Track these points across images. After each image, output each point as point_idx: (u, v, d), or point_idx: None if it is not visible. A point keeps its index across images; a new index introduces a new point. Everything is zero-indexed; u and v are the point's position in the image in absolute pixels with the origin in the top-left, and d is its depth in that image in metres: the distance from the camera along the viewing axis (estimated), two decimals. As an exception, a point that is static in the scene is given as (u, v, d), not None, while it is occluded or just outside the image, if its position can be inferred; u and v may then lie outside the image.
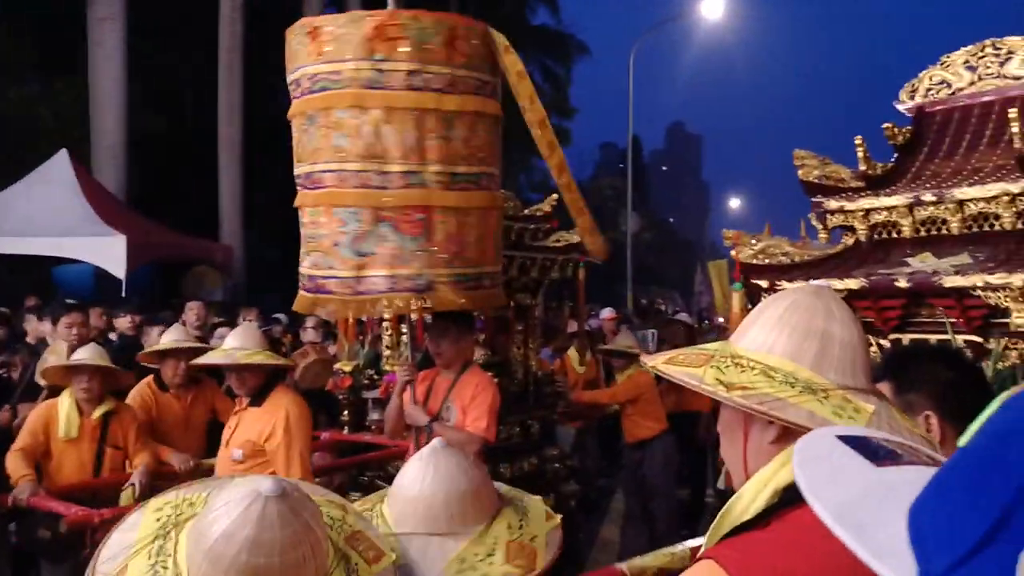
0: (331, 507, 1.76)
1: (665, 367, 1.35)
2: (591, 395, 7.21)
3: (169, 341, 5.09)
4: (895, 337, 3.99)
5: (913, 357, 2.19)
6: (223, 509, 1.48)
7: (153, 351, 5.16)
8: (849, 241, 4.42)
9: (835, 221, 4.45)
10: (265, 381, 4.05)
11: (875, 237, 4.33)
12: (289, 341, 8.00)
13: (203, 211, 15.52)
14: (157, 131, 16.08)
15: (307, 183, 3.75)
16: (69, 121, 14.39)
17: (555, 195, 6.09)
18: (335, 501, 1.84)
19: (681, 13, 29.06)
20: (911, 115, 4.77)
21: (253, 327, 4.41)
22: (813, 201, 4.53)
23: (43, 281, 12.12)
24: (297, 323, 8.61)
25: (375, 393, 5.64)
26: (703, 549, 1.28)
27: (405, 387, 4.06)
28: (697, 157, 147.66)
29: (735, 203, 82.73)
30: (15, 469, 4.23)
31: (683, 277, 36.91)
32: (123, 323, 7.08)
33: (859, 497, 0.70)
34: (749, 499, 1.27)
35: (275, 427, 3.91)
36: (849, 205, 4.34)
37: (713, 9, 24.83)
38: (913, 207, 4.13)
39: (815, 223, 4.60)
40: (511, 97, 3.83)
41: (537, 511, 2.15)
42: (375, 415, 5.58)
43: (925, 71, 4.76)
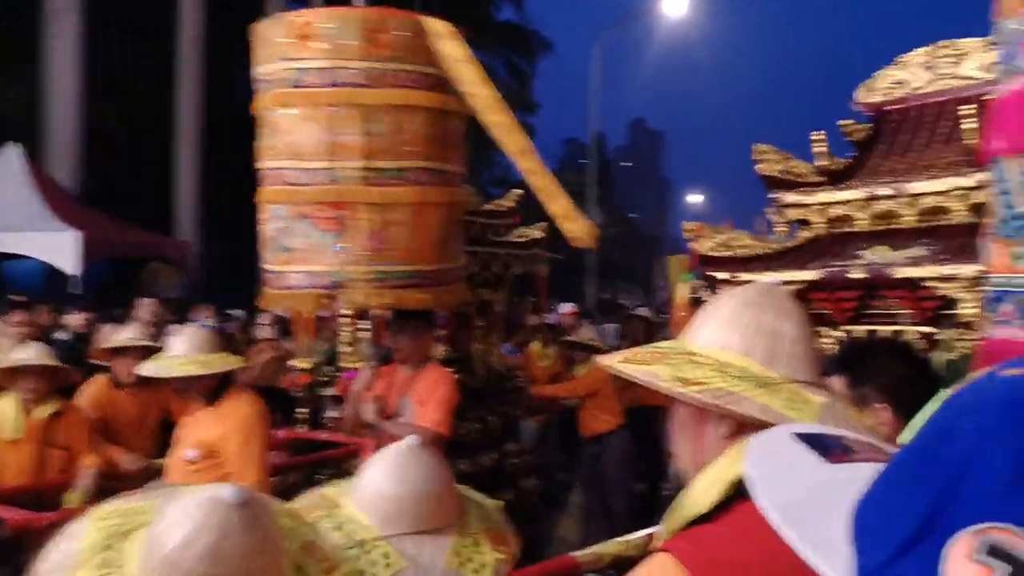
0: (284, 517, 1.69)
1: (622, 366, 1.37)
2: (551, 389, 7.22)
3: (123, 339, 4.99)
4: (850, 328, 4.05)
5: (867, 351, 2.25)
6: (180, 517, 1.41)
7: (107, 348, 5.06)
8: (807, 234, 4.47)
9: (793, 215, 4.51)
10: (219, 381, 3.98)
11: (832, 231, 4.38)
12: (244, 338, 7.89)
13: (159, 207, 15.33)
14: (112, 125, 15.84)
15: (260, 180, 3.88)
16: (22, 114, 14.09)
17: (517, 190, 6.08)
18: (286, 510, 1.78)
19: (644, 11, 29.21)
20: (869, 113, 4.83)
21: (199, 328, 4.31)
22: (771, 195, 4.57)
23: (-9, 278, 11.88)
24: (253, 320, 8.51)
25: (332, 390, 5.58)
26: (657, 542, 1.29)
27: (363, 391, 4.06)
28: (659, 153, 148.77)
29: (696, 199, 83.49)
30: None
31: (645, 272, 37.21)
32: (74, 320, 6.94)
33: (806, 494, 0.70)
34: (702, 492, 1.29)
35: (231, 429, 3.82)
36: (807, 199, 4.40)
37: (675, 7, 25.04)
38: (869, 201, 4.20)
39: (773, 217, 4.64)
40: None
41: (482, 499, 2.15)
42: (332, 412, 5.52)
43: (882, 70, 4.83)
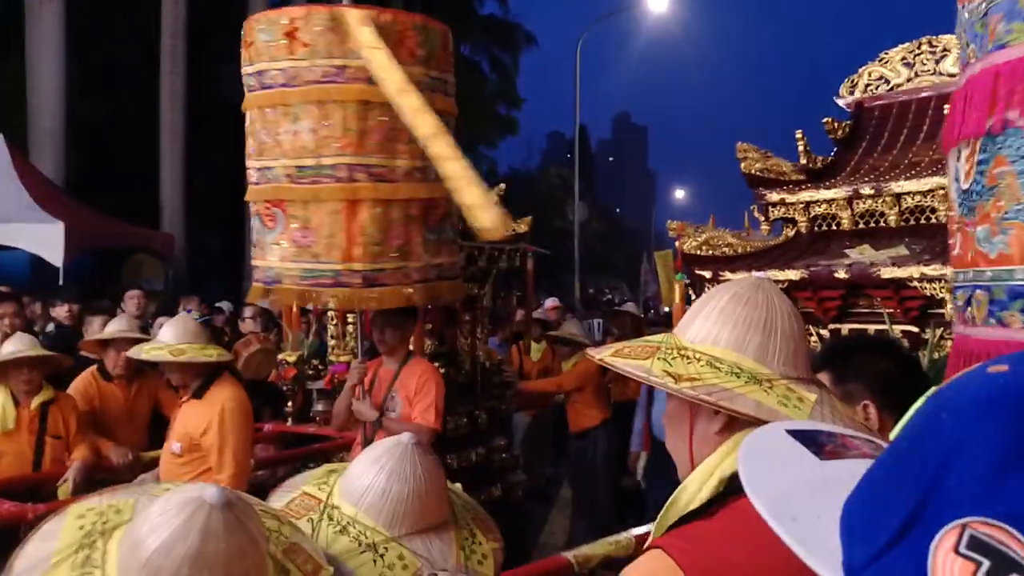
0: (266, 518, 1.65)
1: (612, 359, 1.36)
2: (538, 384, 7.23)
3: (113, 330, 4.99)
4: (834, 327, 4.08)
5: (852, 347, 2.22)
6: (162, 518, 1.37)
7: (96, 340, 5.06)
8: (790, 233, 4.50)
9: (776, 213, 4.53)
10: (206, 372, 3.99)
11: (815, 229, 4.41)
12: (229, 331, 7.87)
13: (144, 198, 15.20)
14: (97, 116, 15.69)
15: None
16: (5, 105, 13.94)
17: (502, 185, 6.10)
18: (268, 511, 1.75)
19: (627, 5, 29.16)
20: (850, 110, 4.86)
21: (189, 318, 4.33)
22: (755, 193, 4.59)
23: (-25, 269, 11.75)
24: (240, 313, 8.48)
25: (320, 384, 5.58)
26: (651, 538, 1.30)
27: (356, 385, 4.07)
28: (643, 147, 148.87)
29: (680, 193, 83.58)
30: None
31: (630, 267, 37.22)
32: (60, 312, 6.89)
33: (798, 490, 0.71)
34: (695, 488, 1.29)
35: (211, 422, 3.84)
36: (790, 198, 4.42)
37: (659, 2, 25.03)
38: (852, 200, 4.22)
39: (757, 215, 4.67)
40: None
41: (458, 490, 2.16)
42: (320, 406, 5.53)
43: (864, 67, 4.84)
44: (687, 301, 4.62)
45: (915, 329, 3.76)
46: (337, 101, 3.54)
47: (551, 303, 10.00)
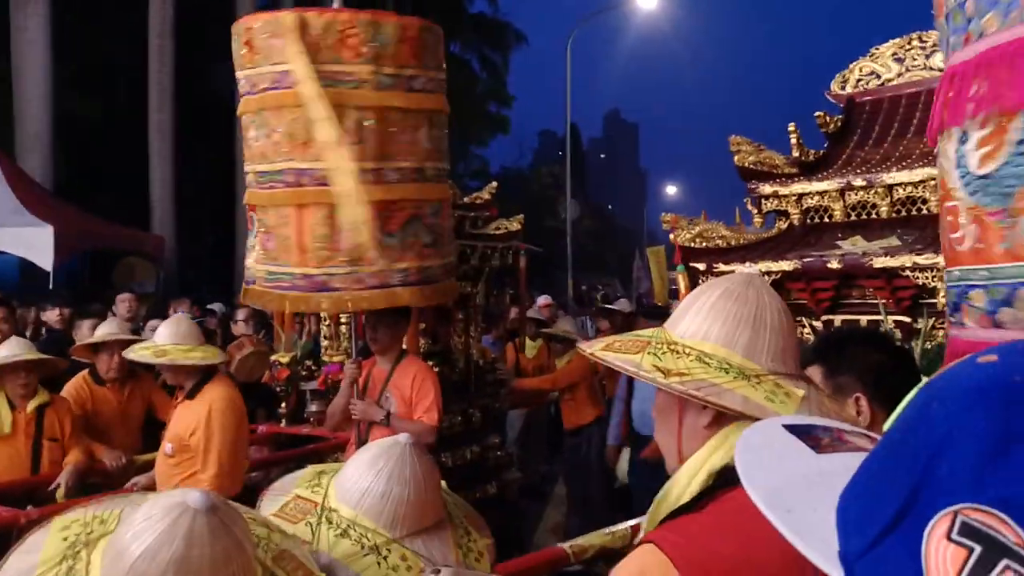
0: (254, 525, 1.64)
1: (603, 354, 1.37)
2: (532, 382, 7.23)
3: (104, 334, 4.98)
4: (828, 318, 4.09)
5: (843, 340, 2.22)
6: (145, 524, 1.35)
7: (87, 344, 5.04)
8: (783, 225, 4.51)
9: (769, 206, 4.54)
10: (199, 373, 3.99)
11: (808, 221, 4.43)
12: (222, 333, 7.84)
13: (134, 199, 15.14)
14: (85, 117, 15.62)
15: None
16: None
17: (493, 183, 6.10)
18: (257, 518, 1.74)
19: (617, 3, 29.16)
20: (842, 104, 4.87)
21: (184, 318, 4.32)
22: (748, 186, 4.60)
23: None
24: (232, 315, 8.46)
25: (313, 385, 5.57)
26: (642, 532, 1.30)
27: (352, 385, 4.05)
28: (634, 145, 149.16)
29: (672, 190, 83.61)
30: None
31: (622, 263, 37.28)
32: (51, 316, 6.86)
33: (794, 482, 0.72)
34: (685, 483, 1.31)
35: (199, 421, 3.87)
36: (783, 190, 4.44)
37: None
38: (844, 192, 4.24)
39: (751, 208, 4.68)
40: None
41: (445, 487, 2.15)
42: (314, 407, 5.51)
43: (855, 62, 4.87)
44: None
45: (907, 319, 3.78)
46: (285, 107, 3.59)
47: (543, 300, 10.01)
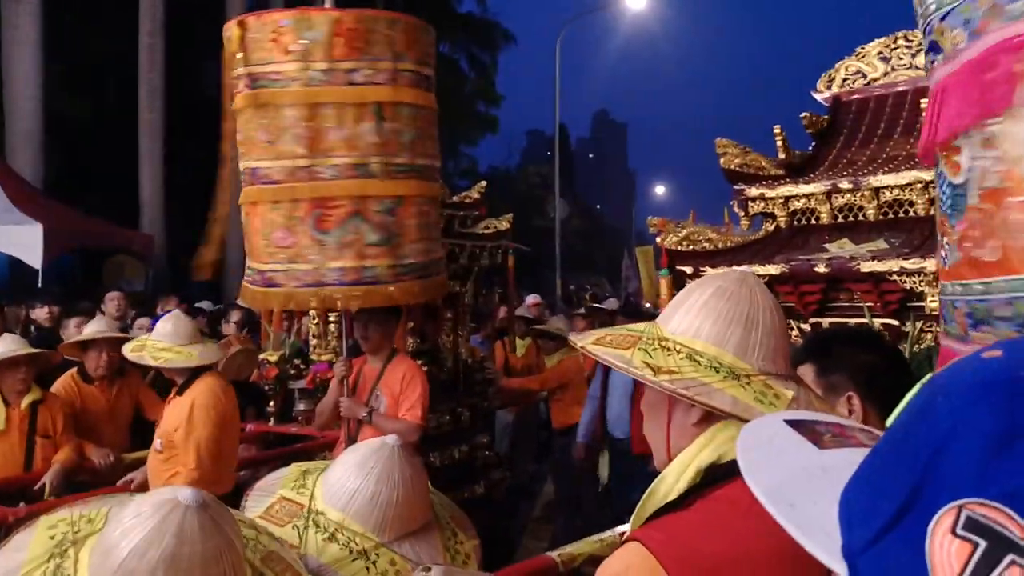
0: (243, 526, 1.62)
1: (594, 348, 1.36)
2: (521, 382, 7.23)
3: (92, 331, 4.97)
4: (815, 321, 4.10)
5: (834, 339, 2.21)
6: (135, 520, 1.33)
7: (75, 342, 5.03)
8: (770, 227, 4.52)
9: (756, 208, 4.55)
10: (190, 370, 4.02)
11: (794, 224, 4.43)
12: (210, 332, 7.80)
13: (123, 198, 15.05)
14: (75, 115, 15.52)
15: None
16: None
17: (482, 182, 6.11)
18: (245, 520, 1.72)
19: (605, 3, 29.18)
20: (828, 104, 4.88)
21: (180, 316, 4.33)
22: (735, 188, 4.61)
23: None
24: (221, 313, 8.44)
25: (301, 383, 5.56)
26: (628, 530, 1.31)
27: (341, 382, 4.07)
28: (623, 145, 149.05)
29: (660, 190, 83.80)
30: None
31: (611, 263, 37.29)
32: (40, 314, 6.83)
33: (795, 478, 0.71)
34: (672, 480, 1.30)
35: (182, 417, 3.90)
36: (769, 192, 4.43)
37: (636, 0, 25.05)
38: (831, 194, 4.24)
39: (737, 210, 4.69)
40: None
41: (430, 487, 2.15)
42: (302, 406, 5.51)
43: (841, 62, 4.86)
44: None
45: (895, 322, 3.78)
46: (238, 108, 3.75)
47: (532, 299, 10.03)
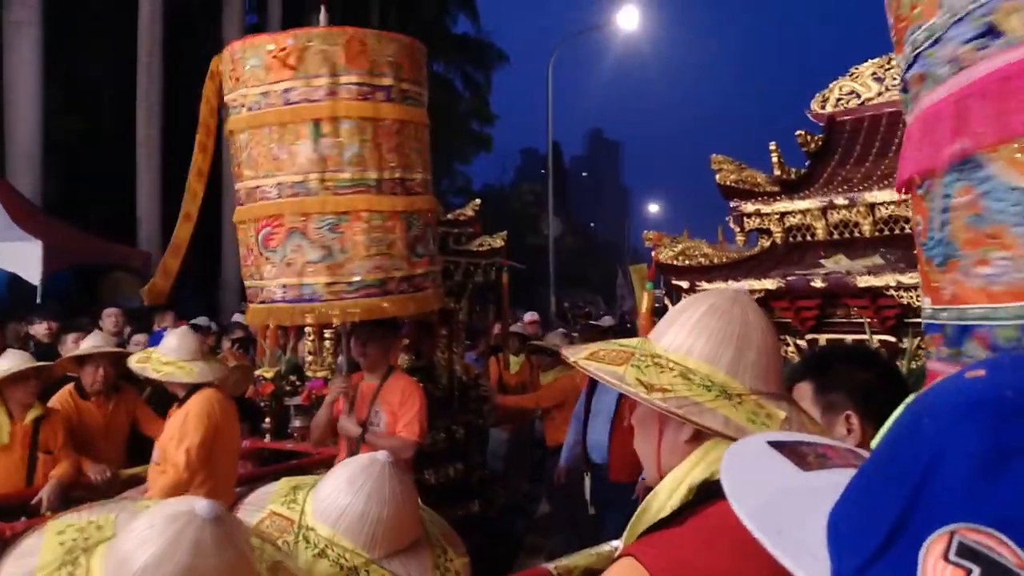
0: (250, 536, 1.60)
1: (586, 363, 1.36)
2: (516, 400, 7.21)
3: (89, 347, 4.97)
4: (812, 337, 4.11)
5: (833, 357, 2.21)
6: (150, 532, 1.31)
7: (72, 357, 5.02)
8: (765, 243, 4.53)
9: (752, 224, 4.56)
10: (191, 384, 4.05)
11: (790, 239, 4.45)
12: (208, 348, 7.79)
13: (121, 215, 15.07)
14: (75, 134, 15.54)
15: None
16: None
17: (476, 200, 6.13)
18: (253, 530, 1.71)
19: (599, 24, 29.38)
20: (822, 123, 4.91)
21: (186, 332, 4.33)
22: (731, 204, 4.63)
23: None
24: (219, 329, 8.43)
25: (297, 400, 5.55)
26: (622, 546, 1.30)
27: (337, 398, 4.07)
28: (616, 163, 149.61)
29: (654, 207, 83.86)
30: None
31: (605, 281, 37.31)
32: (39, 330, 6.83)
33: (780, 500, 0.71)
34: (665, 496, 1.30)
35: (178, 425, 3.94)
36: (765, 208, 4.45)
37: (628, 20, 25.18)
38: (826, 210, 4.26)
39: (733, 226, 4.70)
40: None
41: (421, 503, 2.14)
42: (297, 422, 5.49)
43: (835, 82, 4.91)
44: (662, 313, 4.64)
45: (892, 338, 3.77)
46: (235, 132, 3.95)
47: (530, 317, 10.03)
